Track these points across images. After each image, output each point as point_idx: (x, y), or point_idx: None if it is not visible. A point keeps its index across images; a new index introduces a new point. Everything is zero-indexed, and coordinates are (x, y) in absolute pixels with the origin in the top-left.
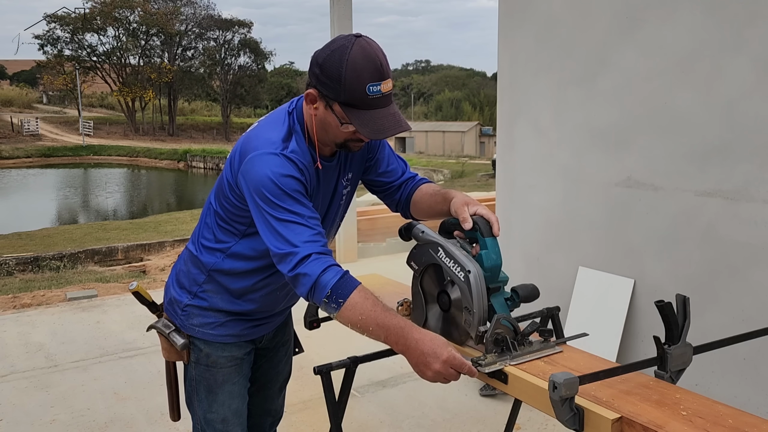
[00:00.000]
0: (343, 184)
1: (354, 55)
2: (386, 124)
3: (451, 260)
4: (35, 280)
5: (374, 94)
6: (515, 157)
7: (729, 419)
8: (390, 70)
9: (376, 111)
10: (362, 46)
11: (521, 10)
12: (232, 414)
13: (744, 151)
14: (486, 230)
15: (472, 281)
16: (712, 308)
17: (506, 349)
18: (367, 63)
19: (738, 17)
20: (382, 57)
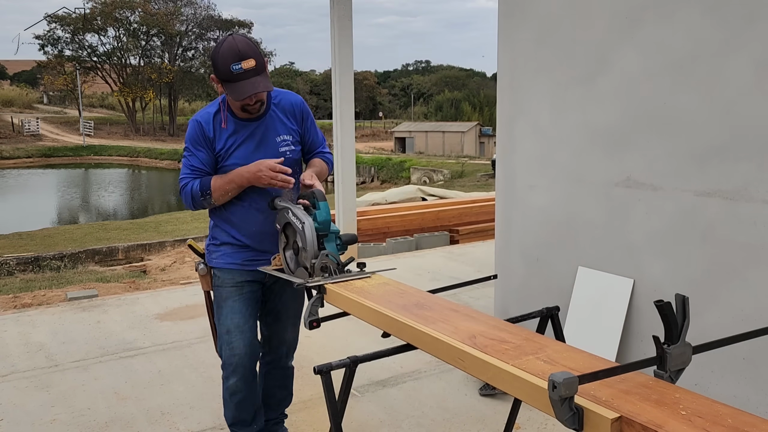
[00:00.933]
0: (280, 143)
1: (222, 47)
2: (245, 89)
3: (295, 217)
4: (36, 279)
5: (237, 71)
6: (515, 157)
7: (728, 419)
8: (254, 51)
9: (240, 82)
10: (227, 41)
11: (521, 10)
12: (234, 327)
13: (743, 151)
14: (320, 196)
15: (306, 229)
16: (712, 308)
17: (330, 274)
18: (229, 51)
19: (738, 17)
20: (242, 45)
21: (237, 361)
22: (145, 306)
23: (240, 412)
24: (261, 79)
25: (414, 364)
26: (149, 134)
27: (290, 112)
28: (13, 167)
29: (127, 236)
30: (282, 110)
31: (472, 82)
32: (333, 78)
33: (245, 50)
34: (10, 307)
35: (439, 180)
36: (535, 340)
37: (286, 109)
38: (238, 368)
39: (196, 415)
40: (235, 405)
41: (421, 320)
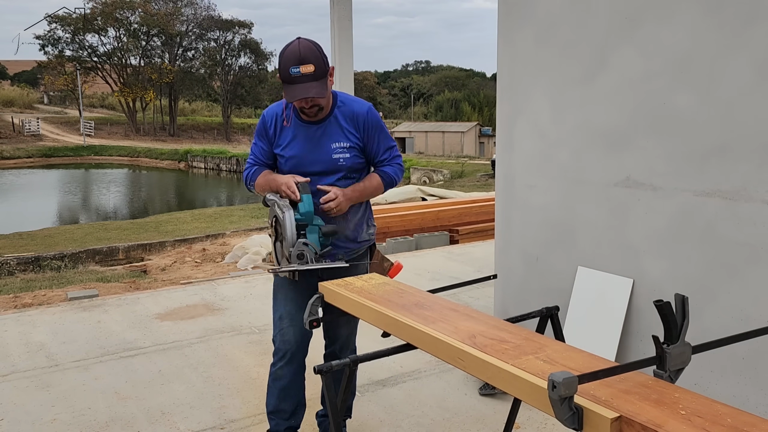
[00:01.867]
0: (335, 149)
1: (286, 50)
2: (297, 92)
3: (279, 209)
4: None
5: (294, 74)
6: (515, 157)
7: (728, 418)
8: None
9: (295, 85)
10: (293, 44)
11: (521, 10)
12: (286, 314)
13: (743, 151)
14: (303, 189)
15: (285, 218)
16: (711, 308)
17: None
18: (291, 54)
19: (738, 17)
20: (305, 50)
21: (286, 348)
22: (146, 306)
23: (281, 401)
24: (316, 85)
25: (414, 364)
26: (149, 134)
27: (351, 120)
28: (13, 167)
29: (127, 236)
30: (344, 117)
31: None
32: None
33: (306, 55)
34: (10, 306)
35: (439, 180)
36: (535, 340)
37: (347, 117)
38: (286, 355)
39: (197, 415)
40: (278, 392)
41: (421, 320)
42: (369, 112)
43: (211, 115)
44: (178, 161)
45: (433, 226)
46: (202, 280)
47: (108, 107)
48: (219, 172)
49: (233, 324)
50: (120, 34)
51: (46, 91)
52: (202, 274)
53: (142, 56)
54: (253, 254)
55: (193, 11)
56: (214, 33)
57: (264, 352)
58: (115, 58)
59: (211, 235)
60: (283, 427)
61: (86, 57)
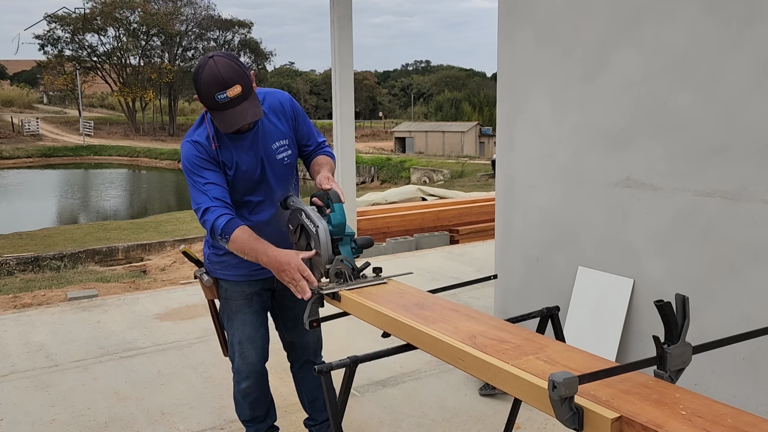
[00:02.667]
0: (277, 150)
1: (203, 74)
2: (234, 121)
3: (308, 220)
4: (36, 279)
5: (222, 100)
6: (515, 157)
7: (728, 418)
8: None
9: (227, 111)
10: (209, 66)
11: (521, 10)
12: (246, 338)
13: (743, 151)
14: (334, 198)
15: (320, 233)
16: (712, 308)
17: (344, 281)
18: (211, 78)
19: (738, 17)
20: (225, 70)
21: (250, 369)
22: (145, 306)
23: (254, 410)
24: (248, 104)
25: (414, 364)
26: (149, 134)
27: (280, 112)
28: (13, 167)
29: (127, 236)
30: (272, 112)
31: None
32: (333, 78)
33: (229, 76)
34: (10, 307)
35: (439, 180)
36: (535, 340)
37: (276, 110)
38: (251, 374)
39: (196, 415)
40: (249, 405)
41: (421, 320)
42: (291, 99)
43: None
44: (177, 161)
45: (433, 226)
46: None
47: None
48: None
49: None
50: (120, 34)
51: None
52: None
53: (142, 56)
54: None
55: (192, 11)
56: (214, 33)
57: None
58: (115, 58)
59: None
60: (263, 429)
61: (86, 57)
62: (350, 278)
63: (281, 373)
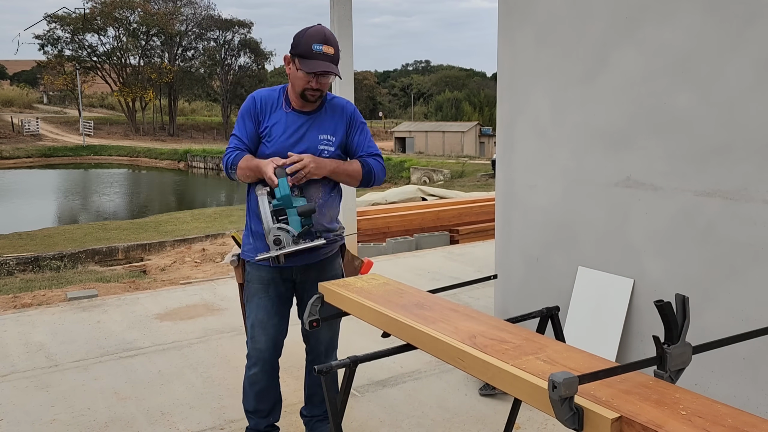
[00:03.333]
0: (321, 140)
1: (311, 29)
2: (318, 66)
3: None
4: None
5: (317, 51)
6: (515, 157)
7: (728, 418)
8: (335, 43)
9: (316, 60)
10: (318, 27)
11: (521, 10)
12: (258, 322)
13: (743, 151)
14: (279, 173)
15: (261, 206)
16: (712, 308)
17: (282, 247)
18: (316, 33)
19: (738, 17)
20: (329, 34)
21: (258, 355)
22: (145, 306)
23: (258, 402)
24: (335, 67)
25: (414, 364)
26: (149, 134)
27: (339, 114)
28: (13, 167)
29: (127, 236)
30: (332, 110)
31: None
32: None
33: (331, 38)
34: (10, 307)
35: (439, 180)
36: (535, 340)
37: (336, 110)
38: (259, 361)
39: (196, 415)
40: (255, 394)
41: (421, 320)
42: (354, 110)
43: (211, 114)
44: (177, 161)
45: (433, 226)
46: (202, 280)
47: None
48: (218, 172)
49: (233, 324)
50: (119, 34)
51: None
52: (201, 274)
53: (142, 56)
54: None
55: (192, 11)
56: (214, 33)
57: None
58: (115, 58)
59: (210, 235)
60: (263, 426)
61: (86, 57)
62: (288, 244)
63: (281, 373)
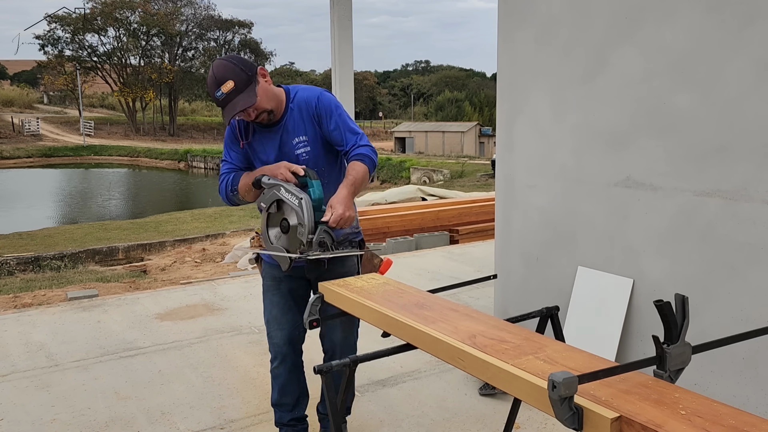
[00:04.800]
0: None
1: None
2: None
3: (289, 194)
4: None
5: (219, 97)
6: (514, 157)
7: (728, 418)
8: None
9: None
10: (210, 70)
11: (521, 11)
12: (272, 318)
13: (743, 151)
14: (312, 175)
15: (304, 205)
16: (711, 308)
17: (326, 249)
18: (209, 81)
19: (738, 17)
20: (218, 70)
21: (276, 350)
22: (145, 306)
23: (281, 396)
24: (242, 96)
25: (414, 364)
26: (149, 134)
27: (305, 109)
28: (13, 167)
29: (127, 236)
30: (298, 108)
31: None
32: (333, 78)
33: (221, 74)
34: (10, 306)
35: (439, 180)
36: (535, 340)
37: (302, 107)
38: (278, 355)
39: (196, 415)
40: (278, 388)
41: (421, 320)
42: (318, 99)
43: (211, 115)
44: (177, 161)
45: (433, 226)
46: (202, 280)
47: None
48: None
49: (233, 324)
50: (120, 34)
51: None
52: (201, 274)
53: (142, 56)
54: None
55: (192, 11)
56: (214, 33)
57: (264, 352)
58: (115, 58)
59: (210, 235)
60: (286, 419)
61: (86, 57)
62: (332, 248)
63: None
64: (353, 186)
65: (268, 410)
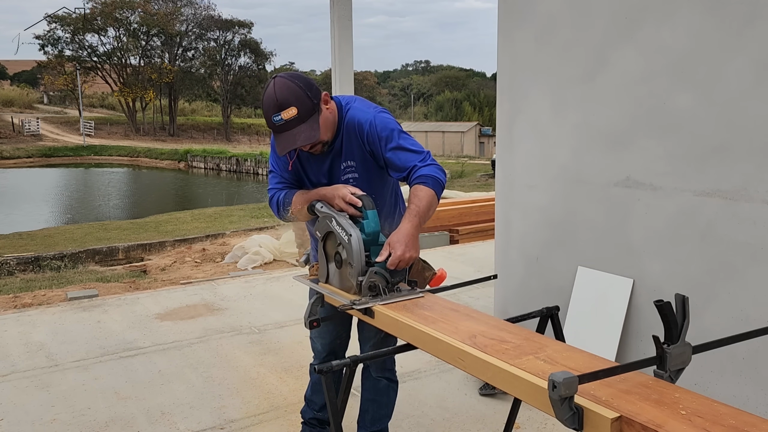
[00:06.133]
0: (344, 170)
1: (265, 94)
2: (286, 144)
3: (339, 227)
4: (36, 279)
5: (277, 122)
6: (514, 157)
7: (728, 418)
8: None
9: (282, 135)
10: (269, 88)
11: (521, 10)
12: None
13: (743, 151)
14: (368, 204)
15: (353, 242)
16: (711, 308)
17: (378, 294)
18: (268, 100)
19: (738, 17)
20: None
21: (316, 353)
22: (145, 306)
23: (313, 392)
24: (304, 128)
25: (414, 364)
26: (149, 134)
27: (354, 135)
28: (13, 167)
29: (127, 236)
30: (348, 133)
31: (472, 82)
32: (333, 78)
33: (284, 98)
34: (10, 306)
35: None
36: (535, 340)
37: (351, 131)
38: (317, 357)
39: (196, 415)
40: (311, 385)
41: (421, 320)
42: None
43: (211, 115)
44: (177, 161)
45: (433, 226)
46: (202, 280)
47: (108, 107)
48: (219, 172)
49: (233, 324)
50: (120, 34)
51: (46, 91)
52: (201, 274)
53: (142, 56)
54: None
55: (192, 11)
56: (214, 33)
57: (264, 352)
58: (115, 58)
59: (210, 235)
60: (308, 416)
61: (86, 57)
62: (384, 292)
63: (281, 373)
64: (417, 218)
65: (268, 410)
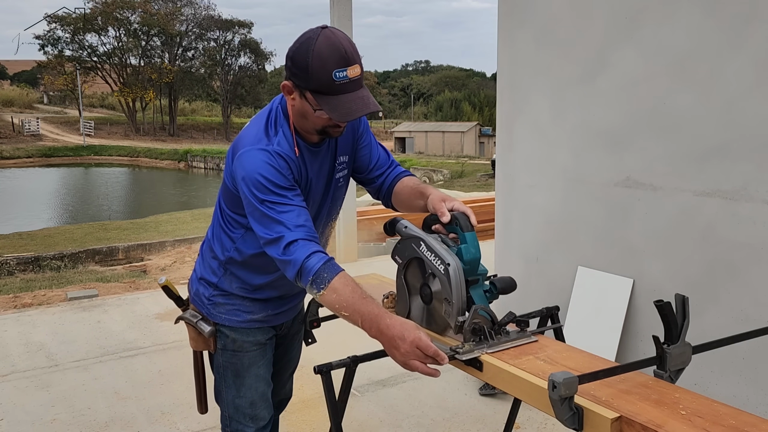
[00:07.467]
0: (337, 168)
1: (319, 44)
2: (354, 107)
3: (432, 254)
4: (36, 279)
5: (341, 80)
6: (515, 157)
7: (728, 418)
8: (357, 56)
9: (344, 96)
10: (327, 36)
11: (521, 10)
12: (259, 397)
13: (743, 151)
14: (465, 225)
15: (451, 274)
16: (711, 308)
17: (484, 338)
18: (332, 51)
19: (738, 17)
20: (347, 45)
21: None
22: (145, 306)
23: None
24: (368, 93)
25: None
26: (149, 134)
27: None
28: (13, 167)
29: (127, 236)
30: None
31: (472, 82)
32: None
33: (352, 53)
34: (10, 307)
35: (439, 180)
36: None
37: None
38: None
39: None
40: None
41: None
42: None
43: (211, 115)
44: (177, 161)
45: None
46: None
47: (108, 107)
48: (219, 172)
49: None
50: (120, 34)
51: (46, 91)
52: None
53: (142, 56)
54: None
55: (192, 11)
56: (214, 33)
57: None
58: (115, 58)
59: None
60: None
61: (86, 57)
62: (491, 336)
63: None
64: None
65: None
